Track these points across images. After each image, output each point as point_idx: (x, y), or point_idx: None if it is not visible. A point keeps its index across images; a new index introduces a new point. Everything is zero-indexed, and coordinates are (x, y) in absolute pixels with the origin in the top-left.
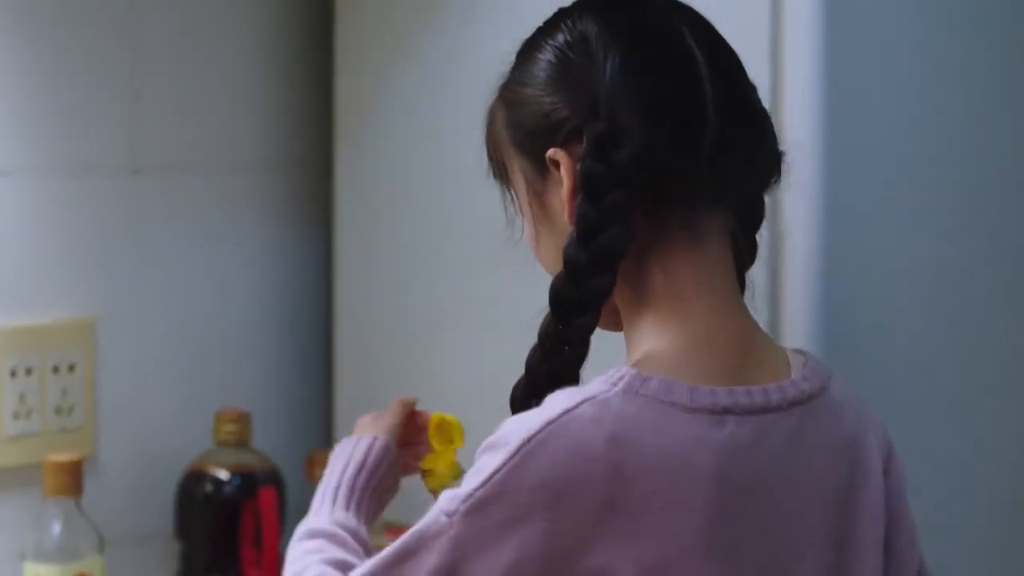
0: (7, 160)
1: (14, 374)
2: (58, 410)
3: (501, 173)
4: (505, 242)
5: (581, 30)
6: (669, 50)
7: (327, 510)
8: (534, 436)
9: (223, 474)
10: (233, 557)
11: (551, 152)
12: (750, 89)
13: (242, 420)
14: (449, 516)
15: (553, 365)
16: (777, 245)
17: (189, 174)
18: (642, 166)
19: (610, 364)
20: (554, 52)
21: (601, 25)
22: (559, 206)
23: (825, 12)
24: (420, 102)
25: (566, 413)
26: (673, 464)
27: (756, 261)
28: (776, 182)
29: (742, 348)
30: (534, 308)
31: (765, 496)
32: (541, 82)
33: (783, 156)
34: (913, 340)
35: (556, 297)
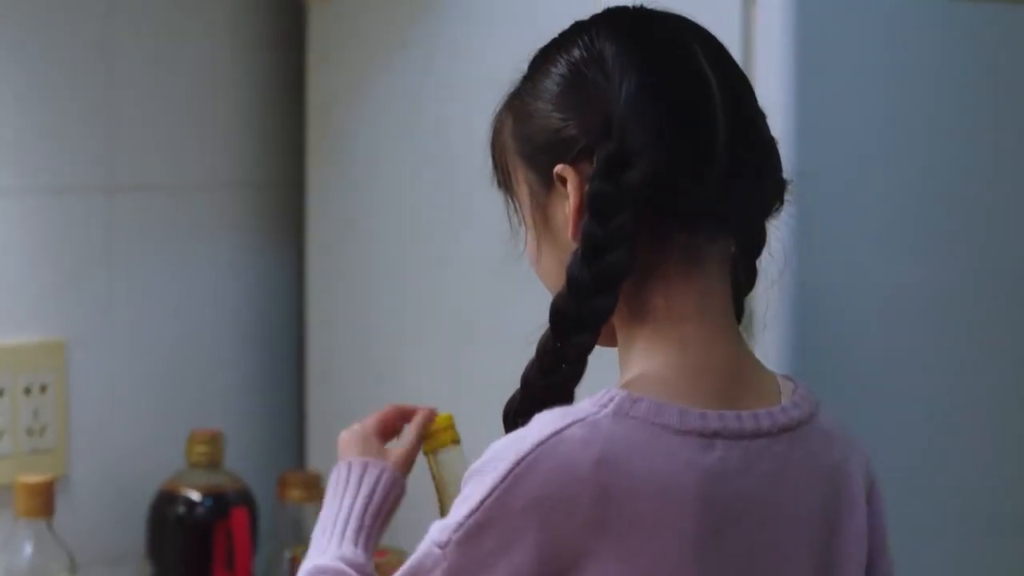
0: None
1: None
2: (30, 431)
3: (505, 182)
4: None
5: (599, 48)
6: (684, 74)
7: (334, 544)
8: (523, 459)
9: (195, 495)
10: None
11: (559, 168)
12: (759, 115)
13: (214, 441)
14: (442, 547)
15: (551, 381)
16: None
17: (161, 194)
18: (652, 189)
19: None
20: (568, 67)
21: (618, 45)
22: (563, 221)
23: (794, 37)
24: (390, 121)
25: (555, 435)
26: (661, 486)
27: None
28: (778, 209)
29: (734, 373)
30: (505, 323)
31: (752, 521)
32: (553, 97)
33: (787, 184)
34: (882, 360)
35: (557, 314)
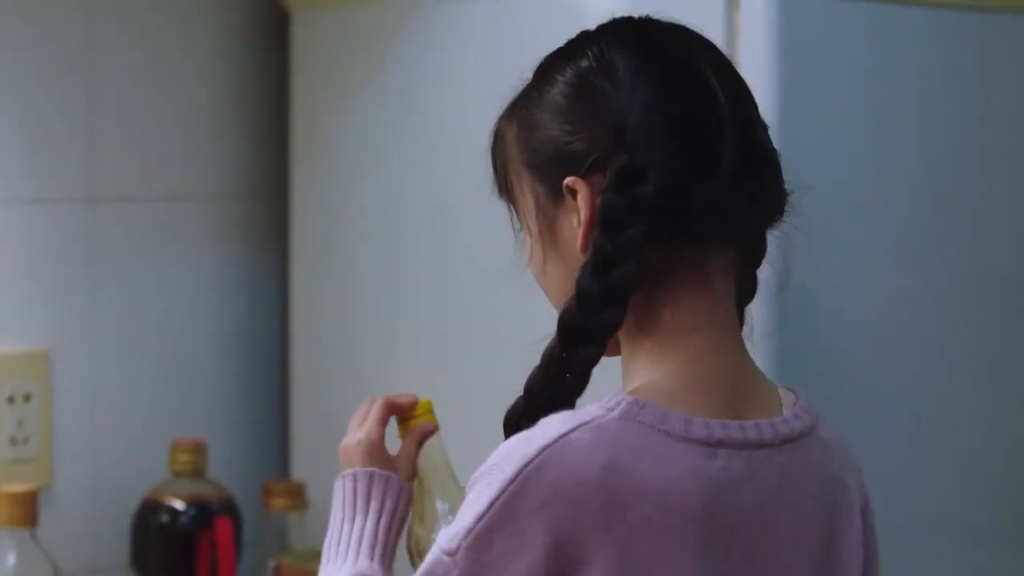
0: None
1: None
2: (13, 440)
3: (507, 190)
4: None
5: (608, 59)
6: (694, 87)
7: (350, 561)
8: (531, 461)
9: (179, 504)
10: None
11: (569, 181)
12: (762, 127)
13: (198, 450)
14: (451, 555)
15: (554, 390)
16: None
17: (144, 204)
18: (664, 203)
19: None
20: (577, 78)
21: (629, 56)
22: (570, 233)
23: (778, 43)
24: (375, 131)
25: (562, 437)
26: (666, 493)
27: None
28: (779, 220)
29: (737, 384)
30: (492, 331)
31: (752, 530)
32: (562, 108)
33: (787, 195)
34: (871, 367)
35: (564, 325)
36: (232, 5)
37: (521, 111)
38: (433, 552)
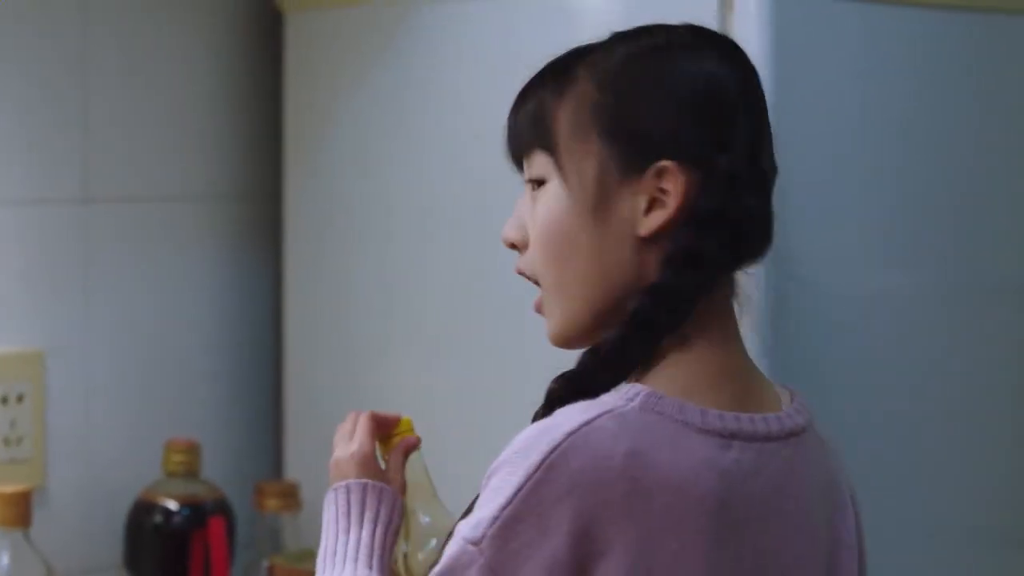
0: None
1: None
2: (7, 441)
3: (549, 139)
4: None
5: (716, 70)
6: (763, 100)
7: (348, 570)
8: (556, 448)
9: (172, 505)
10: None
11: (668, 165)
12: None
13: (191, 450)
14: (476, 544)
15: (602, 375)
16: None
17: (138, 205)
18: (755, 212)
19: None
20: (696, 72)
21: (735, 70)
22: (627, 213)
23: (771, 44)
24: (368, 131)
25: (585, 424)
26: (684, 482)
27: None
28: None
29: (745, 380)
30: (484, 333)
31: (762, 522)
32: (675, 94)
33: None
34: (858, 366)
35: (638, 313)
36: (226, 6)
37: (610, 78)
38: (456, 543)
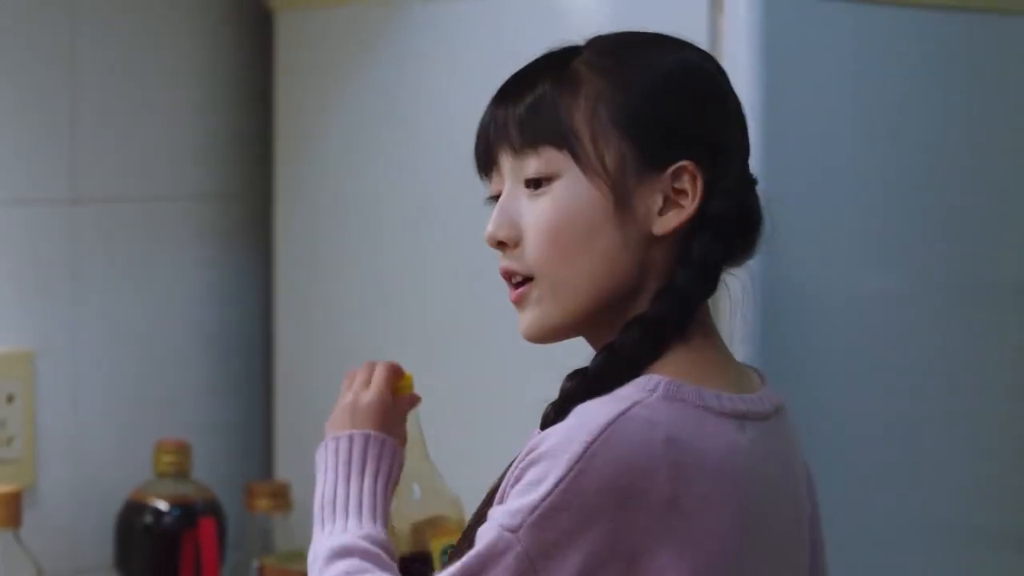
0: None
1: None
2: None
3: (568, 134)
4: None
5: (716, 72)
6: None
7: (353, 523)
8: (596, 438)
9: (163, 505)
10: None
11: (689, 165)
12: None
13: (182, 451)
14: (513, 531)
15: (622, 365)
16: None
17: (128, 205)
18: (758, 214)
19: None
20: (715, 78)
21: (723, 71)
22: (644, 209)
23: (761, 45)
24: (358, 131)
25: (622, 415)
26: (716, 466)
27: None
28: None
29: (733, 363)
30: (478, 331)
31: (775, 497)
32: (695, 94)
33: None
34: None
35: (656, 313)
36: (216, 5)
37: (625, 76)
38: (490, 528)
